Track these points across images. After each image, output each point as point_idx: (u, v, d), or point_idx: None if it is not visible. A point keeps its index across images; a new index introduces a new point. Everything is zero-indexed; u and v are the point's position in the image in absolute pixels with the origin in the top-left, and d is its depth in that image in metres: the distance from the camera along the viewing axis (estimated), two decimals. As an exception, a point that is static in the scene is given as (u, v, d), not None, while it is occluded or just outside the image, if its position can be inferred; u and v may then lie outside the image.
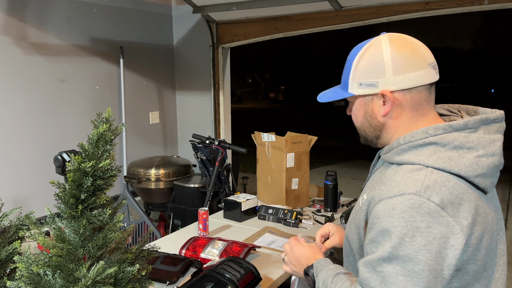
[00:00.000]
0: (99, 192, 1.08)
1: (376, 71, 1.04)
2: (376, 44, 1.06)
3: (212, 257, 1.84)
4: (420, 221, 0.91)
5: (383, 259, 0.94)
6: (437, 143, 0.99)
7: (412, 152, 1.01)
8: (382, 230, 0.95)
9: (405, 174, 0.99)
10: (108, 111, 1.10)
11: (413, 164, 1.00)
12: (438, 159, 0.97)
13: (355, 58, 1.07)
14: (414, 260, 0.91)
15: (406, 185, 0.96)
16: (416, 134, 1.02)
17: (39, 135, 3.23)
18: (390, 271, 0.93)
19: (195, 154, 3.35)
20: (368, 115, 1.10)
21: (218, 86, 4.18)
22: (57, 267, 1.00)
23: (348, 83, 1.09)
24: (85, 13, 3.49)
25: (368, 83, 1.05)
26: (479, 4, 2.80)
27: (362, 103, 1.10)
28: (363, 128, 1.14)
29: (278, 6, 3.32)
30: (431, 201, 0.92)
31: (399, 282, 0.92)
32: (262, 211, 2.46)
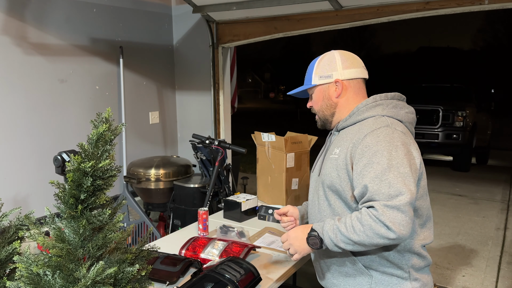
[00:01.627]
0: (98, 192, 1.07)
1: (331, 67, 1.57)
2: (329, 53, 1.61)
3: (212, 257, 1.84)
4: (396, 140, 1.40)
5: (384, 170, 1.34)
6: (383, 104, 1.53)
7: (369, 110, 1.52)
8: (375, 152, 1.38)
9: (372, 120, 1.48)
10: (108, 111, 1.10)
11: (373, 116, 1.50)
12: (388, 112, 1.50)
13: (315, 62, 1.61)
14: (403, 165, 1.36)
15: (379, 124, 1.45)
16: (369, 100, 1.55)
17: (39, 135, 3.23)
18: (392, 176, 1.33)
19: (195, 154, 3.35)
20: (326, 98, 1.59)
21: (218, 86, 4.18)
22: (57, 267, 1.00)
23: (311, 78, 1.60)
24: (85, 13, 3.49)
25: (326, 75, 1.57)
26: (479, 4, 2.80)
27: (321, 90, 1.60)
28: (321, 110, 1.62)
29: (278, 6, 3.32)
30: (397, 130, 1.44)
31: (400, 181, 1.33)
32: (262, 211, 2.46)
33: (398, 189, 1.31)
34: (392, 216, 1.29)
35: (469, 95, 8.22)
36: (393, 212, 1.30)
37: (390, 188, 1.31)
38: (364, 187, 1.37)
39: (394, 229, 1.29)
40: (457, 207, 5.41)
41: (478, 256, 3.89)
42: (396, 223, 1.29)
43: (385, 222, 1.29)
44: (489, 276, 3.50)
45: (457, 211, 5.24)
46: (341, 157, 1.48)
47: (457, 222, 4.81)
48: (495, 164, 8.64)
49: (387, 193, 1.31)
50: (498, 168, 8.28)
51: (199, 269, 1.74)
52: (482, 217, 5.00)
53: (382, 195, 1.32)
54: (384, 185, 1.32)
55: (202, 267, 1.75)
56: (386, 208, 1.30)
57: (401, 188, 1.31)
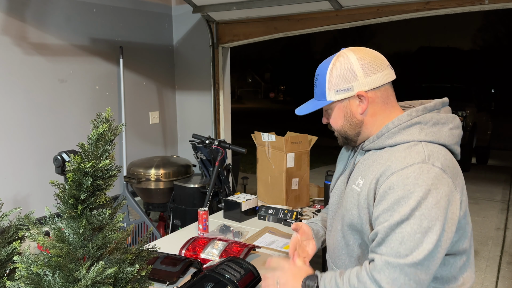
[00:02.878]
0: (98, 192, 1.07)
1: (349, 77, 1.21)
2: (342, 56, 1.23)
3: (212, 257, 1.84)
4: (430, 183, 1.07)
5: (402, 221, 1.07)
6: (421, 122, 1.19)
7: (402, 133, 1.19)
8: (399, 198, 1.08)
9: (405, 150, 1.15)
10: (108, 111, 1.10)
11: (408, 142, 1.17)
12: (426, 134, 1.17)
13: (327, 71, 1.24)
14: (428, 218, 1.05)
15: (412, 158, 1.12)
16: (403, 118, 1.20)
17: (39, 135, 3.23)
18: (408, 230, 1.06)
19: (195, 154, 3.35)
20: (348, 116, 1.25)
21: (218, 86, 4.18)
22: (57, 267, 1.00)
23: (325, 93, 1.24)
24: (85, 13, 3.49)
25: (344, 88, 1.22)
26: (479, 4, 2.80)
27: (340, 107, 1.26)
28: (343, 130, 1.29)
29: (278, 6, 3.32)
30: (435, 166, 1.10)
31: (417, 239, 1.05)
32: (262, 211, 2.46)
33: (411, 247, 1.05)
34: (391, 277, 1.06)
35: (469, 95, 8.22)
36: (394, 273, 1.05)
37: (401, 245, 1.06)
38: (375, 236, 1.13)
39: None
40: (457, 207, 5.41)
41: (478, 256, 3.89)
42: (395, 286, 1.05)
43: (380, 282, 1.06)
44: (489, 276, 3.50)
45: (457, 211, 5.23)
46: (364, 192, 1.20)
47: (457, 222, 4.81)
48: (495, 164, 8.64)
49: (396, 249, 1.06)
50: (498, 168, 8.28)
51: (199, 269, 1.74)
52: (482, 217, 5.00)
53: (390, 249, 1.07)
54: (396, 239, 1.07)
55: (202, 267, 1.75)
56: (387, 265, 1.06)
57: (415, 246, 1.05)
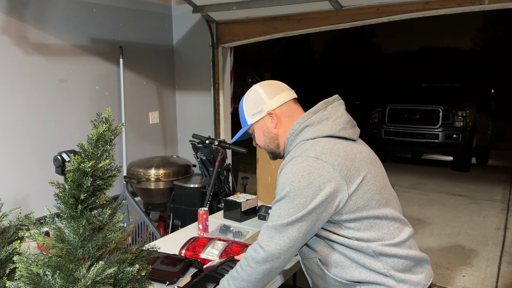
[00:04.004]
0: (98, 192, 1.07)
1: (258, 102, 1.53)
2: (251, 89, 1.58)
3: (212, 257, 1.84)
4: (302, 170, 1.33)
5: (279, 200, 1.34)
6: (309, 125, 1.45)
7: (297, 138, 1.46)
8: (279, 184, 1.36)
9: (292, 151, 1.43)
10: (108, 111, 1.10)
11: (299, 142, 1.44)
12: (313, 132, 1.43)
13: (243, 103, 1.58)
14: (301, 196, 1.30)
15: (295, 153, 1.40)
16: (294, 126, 1.48)
17: (39, 135, 3.23)
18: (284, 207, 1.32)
19: (195, 154, 3.35)
20: (266, 132, 1.55)
21: (218, 86, 4.18)
22: (57, 267, 1.00)
23: (245, 119, 1.57)
24: (85, 13, 3.49)
25: (257, 111, 1.54)
26: (479, 4, 2.80)
27: (259, 126, 1.56)
28: (266, 144, 1.58)
29: (278, 6, 3.32)
30: (309, 157, 1.35)
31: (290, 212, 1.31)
32: (262, 211, 2.46)
33: (283, 214, 1.31)
34: (266, 235, 1.32)
35: (469, 95, 8.21)
36: (269, 232, 1.32)
37: (279, 218, 1.32)
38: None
39: (265, 247, 1.31)
40: (457, 207, 5.41)
41: (478, 256, 3.89)
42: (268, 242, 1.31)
43: (259, 242, 1.33)
44: (489, 276, 3.50)
45: (457, 211, 5.24)
46: None
47: (457, 222, 4.81)
48: (495, 164, 8.64)
49: (274, 219, 1.33)
50: (498, 168, 8.28)
51: (200, 269, 1.74)
52: (482, 217, 5.00)
53: (270, 218, 1.35)
54: (275, 213, 1.34)
55: (203, 267, 1.75)
56: (265, 229, 1.34)
57: (287, 213, 1.31)
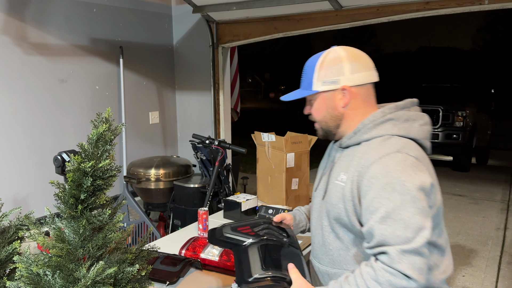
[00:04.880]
0: (98, 192, 1.07)
1: (337, 71, 1.29)
2: (333, 52, 1.33)
3: (212, 257, 1.84)
4: (409, 169, 1.17)
5: (397, 207, 1.12)
6: (393, 119, 1.29)
7: (377, 128, 1.28)
8: (384, 185, 1.15)
9: (380, 143, 1.25)
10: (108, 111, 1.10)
11: (381, 136, 1.27)
12: (399, 129, 1.27)
13: (316, 63, 1.32)
14: (419, 198, 1.13)
15: (387, 148, 1.22)
16: (377, 114, 1.30)
17: (39, 135, 3.23)
18: (408, 214, 1.12)
19: (195, 154, 3.35)
20: (330, 107, 1.33)
21: (218, 86, 4.18)
22: (57, 267, 1.00)
23: (312, 83, 1.32)
24: (85, 13, 3.49)
25: (330, 81, 1.30)
26: (479, 4, 2.80)
27: (324, 98, 1.33)
28: (324, 120, 1.37)
29: (278, 6, 3.32)
30: (410, 155, 1.20)
31: (418, 219, 1.11)
32: (262, 211, 2.46)
33: (415, 229, 1.10)
34: (411, 262, 1.09)
35: (469, 95, 8.21)
36: (412, 257, 1.09)
37: (407, 230, 1.10)
38: (371, 229, 1.16)
39: (415, 277, 1.09)
40: (457, 207, 5.41)
41: (478, 256, 3.89)
42: (417, 270, 1.09)
43: (404, 272, 1.08)
44: (489, 276, 3.50)
45: (457, 211, 5.24)
46: (348, 186, 1.26)
47: (457, 222, 4.81)
48: (495, 164, 8.64)
49: (403, 236, 1.10)
50: (498, 168, 8.28)
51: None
52: (482, 217, 5.00)
53: (398, 238, 1.11)
54: (399, 226, 1.11)
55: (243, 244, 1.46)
56: (403, 254, 1.09)
57: (418, 226, 1.11)
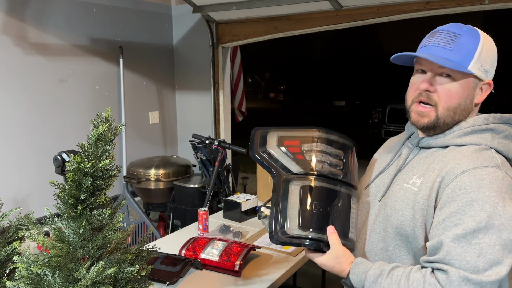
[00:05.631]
0: (98, 192, 1.07)
1: (493, 61, 1.12)
2: (488, 37, 1.13)
3: (212, 258, 1.84)
4: (504, 191, 0.98)
5: (479, 230, 0.95)
6: (494, 130, 1.10)
7: (474, 135, 1.09)
8: (472, 200, 0.98)
9: (476, 152, 1.06)
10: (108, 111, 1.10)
11: (478, 144, 1.08)
12: (498, 143, 1.09)
13: (480, 40, 1.09)
14: (509, 228, 0.95)
15: (485, 160, 1.03)
16: (479, 120, 1.11)
17: (38, 135, 3.23)
18: (487, 241, 0.95)
19: (195, 154, 3.35)
20: (469, 98, 1.10)
21: (218, 86, 4.18)
22: (57, 267, 1.00)
23: (471, 60, 1.07)
24: (85, 13, 3.49)
25: (485, 69, 1.09)
26: (479, 4, 2.80)
27: (470, 85, 1.09)
28: (454, 110, 1.10)
29: (278, 6, 3.32)
30: (509, 176, 1.02)
31: (497, 251, 0.95)
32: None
33: (490, 261, 0.94)
34: None
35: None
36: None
37: (479, 258, 0.94)
38: (440, 244, 0.99)
39: None
40: (457, 207, 5.40)
41: (478, 256, 3.89)
42: None
43: None
44: (489, 276, 3.50)
45: (457, 211, 5.23)
46: (423, 192, 1.08)
47: (457, 222, 4.80)
48: (495, 164, 8.63)
49: (473, 263, 0.94)
50: (498, 168, 8.27)
51: None
52: (482, 217, 4.99)
53: (466, 263, 0.95)
54: (472, 251, 0.95)
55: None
56: (465, 282, 0.94)
57: (495, 259, 0.94)
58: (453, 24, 1.12)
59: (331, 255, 1.11)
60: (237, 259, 1.79)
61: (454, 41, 1.08)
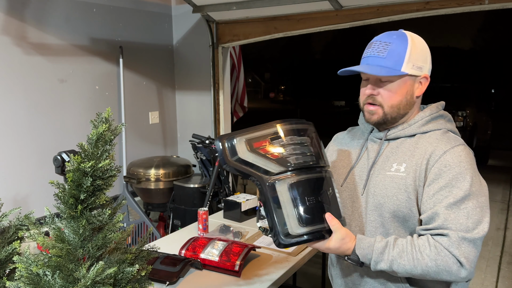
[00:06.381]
0: (98, 192, 1.07)
1: (425, 57, 1.26)
2: (417, 36, 1.28)
3: (212, 258, 1.84)
4: (473, 163, 1.21)
5: (465, 197, 1.15)
6: (443, 116, 1.33)
7: (433, 122, 1.29)
8: (457, 174, 1.17)
9: (443, 135, 1.26)
10: (108, 111, 1.10)
11: (440, 129, 1.28)
12: (450, 126, 1.30)
13: (408, 43, 1.24)
14: (481, 192, 1.17)
15: (454, 140, 1.24)
16: (433, 109, 1.32)
17: (38, 135, 3.23)
18: (471, 205, 1.15)
19: (195, 154, 3.35)
20: (409, 94, 1.27)
21: (218, 86, 4.18)
22: (57, 268, 1.00)
23: (401, 63, 1.23)
24: (85, 13, 3.49)
25: (418, 66, 1.24)
26: (479, 4, 2.80)
27: (408, 82, 1.26)
28: (398, 106, 1.27)
29: (278, 6, 3.32)
30: (471, 151, 1.25)
31: (478, 212, 1.15)
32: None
33: (476, 221, 1.14)
34: (467, 251, 1.12)
35: (469, 95, 8.21)
36: (469, 247, 1.13)
37: (468, 219, 1.14)
38: (435, 214, 1.16)
39: (467, 266, 1.13)
40: (457, 207, 5.41)
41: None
42: (470, 260, 1.13)
43: (459, 257, 1.12)
44: (489, 276, 3.50)
45: (457, 211, 5.23)
46: (411, 175, 1.23)
47: (457, 222, 4.81)
48: (495, 164, 8.63)
49: (465, 224, 1.13)
50: (498, 168, 8.27)
51: None
52: (482, 217, 4.99)
53: (460, 225, 1.13)
54: (462, 215, 1.14)
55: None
56: (463, 240, 1.12)
57: (478, 218, 1.14)
58: (386, 34, 1.28)
59: (337, 238, 1.19)
60: (237, 259, 1.79)
61: (386, 49, 1.24)
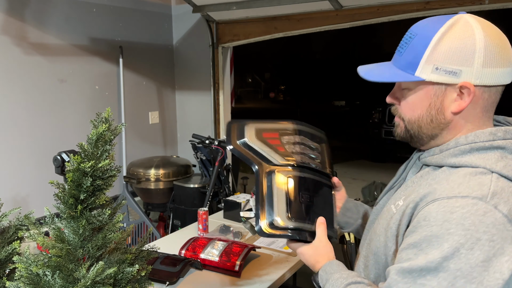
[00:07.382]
0: (98, 192, 1.07)
1: (463, 57, 0.84)
2: (465, 25, 0.86)
3: (212, 258, 1.84)
4: (482, 232, 0.76)
5: (428, 270, 0.79)
6: (505, 148, 0.86)
7: (474, 154, 0.86)
8: (431, 235, 0.80)
9: (466, 176, 0.84)
10: (108, 111, 1.10)
11: (475, 167, 0.85)
12: (506, 165, 0.84)
13: (434, 35, 0.86)
14: (468, 277, 0.76)
15: (470, 188, 0.81)
16: (482, 135, 0.87)
17: (38, 135, 3.23)
18: (435, 285, 0.78)
19: (195, 154, 3.35)
20: (435, 108, 0.90)
21: (218, 86, 4.18)
22: (57, 268, 0.99)
23: (418, 64, 0.87)
24: (84, 13, 3.49)
25: (448, 70, 0.85)
26: (479, 4, 2.80)
27: (430, 92, 0.89)
28: (418, 123, 0.93)
29: (278, 6, 3.32)
30: (498, 210, 0.78)
31: None
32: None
33: None
34: None
35: (469, 95, 8.22)
36: None
37: None
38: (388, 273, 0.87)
39: None
40: (457, 207, 5.40)
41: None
42: None
43: None
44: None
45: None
46: (397, 217, 0.91)
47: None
48: None
49: None
50: None
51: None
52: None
53: None
54: None
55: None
56: None
57: None
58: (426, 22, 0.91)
59: (314, 244, 1.06)
60: (237, 259, 1.79)
61: (407, 43, 0.91)
